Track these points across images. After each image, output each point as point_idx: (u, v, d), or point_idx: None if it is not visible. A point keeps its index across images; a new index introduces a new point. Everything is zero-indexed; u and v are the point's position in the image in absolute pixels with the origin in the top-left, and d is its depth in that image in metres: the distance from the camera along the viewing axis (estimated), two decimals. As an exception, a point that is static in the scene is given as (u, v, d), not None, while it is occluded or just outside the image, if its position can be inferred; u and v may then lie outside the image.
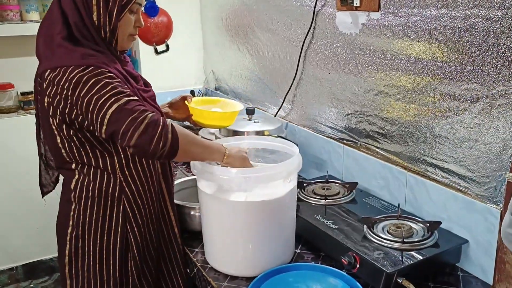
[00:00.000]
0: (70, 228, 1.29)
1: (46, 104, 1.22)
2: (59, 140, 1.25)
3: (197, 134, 1.86)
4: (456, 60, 1.22)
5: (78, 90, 1.14)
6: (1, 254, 2.64)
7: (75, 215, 1.29)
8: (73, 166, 1.28)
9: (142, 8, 2.47)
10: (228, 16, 2.46)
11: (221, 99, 1.71)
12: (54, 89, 1.18)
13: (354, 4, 1.50)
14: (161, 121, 1.14)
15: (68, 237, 1.30)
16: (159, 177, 1.36)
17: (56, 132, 1.24)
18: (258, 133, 1.73)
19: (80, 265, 1.30)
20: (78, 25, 1.20)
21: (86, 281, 1.30)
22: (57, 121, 1.22)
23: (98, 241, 1.29)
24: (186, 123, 1.69)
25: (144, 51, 2.70)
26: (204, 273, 1.32)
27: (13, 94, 2.56)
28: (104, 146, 1.25)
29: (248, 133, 1.73)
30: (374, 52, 1.48)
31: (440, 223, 1.29)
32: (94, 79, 1.14)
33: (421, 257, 1.19)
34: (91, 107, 1.14)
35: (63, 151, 1.26)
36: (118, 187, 1.28)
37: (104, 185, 1.27)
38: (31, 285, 2.72)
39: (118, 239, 1.30)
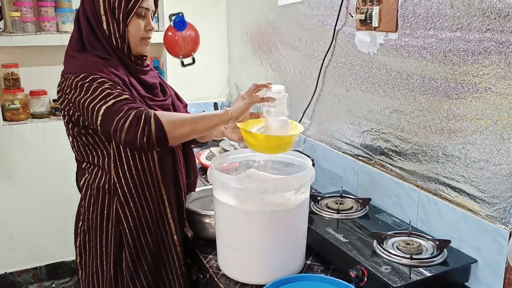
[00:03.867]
0: (80, 222, 1.42)
1: (60, 109, 1.36)
2: (70, 140, 1.38)
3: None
4: (469, 81, 1.24)
5: (75, 94, 1.26)
6: (27, 253, 2.72)
7: (83, 211, 1.41)
8: (83, 165, 1.40)
9: (170, 18, 2.58)
10: (253, 32, 2.54)
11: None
12: (61, 93, 1.32)
13: (373, 25, 1.54)
14: (143, 116, 1.19)
15: (79, 230, 1.43)
16: (159, 183, 1.38)
17: (68, 133, 1.37)
18: (276, 146, 1.77)
19: (87, 258, 1.42)
20: (89, 36, 1.32)
21: (91, 273, 1.42)
22: (66, 122, 1.35)
23: (98, 237, 1.39)
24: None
25: (171, 63, 2.79)
26: (216, 279, 1.36)
27: (46, 101, 2.67)
28: (104, 145, 1.34)
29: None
30: (390, 71, 1.52)
31: (449, 241, 1.30)
32: (87, 85, 1.25)
33: (429, 274, 1.20)
34: (85, 110, 1.25)
35: (74, 150, 1.39)
36: (112, 187, 1.35)
37: (101, 182, 1.36)
38: (53, 285, 2.79)
39: (113, 238, 1.38)
